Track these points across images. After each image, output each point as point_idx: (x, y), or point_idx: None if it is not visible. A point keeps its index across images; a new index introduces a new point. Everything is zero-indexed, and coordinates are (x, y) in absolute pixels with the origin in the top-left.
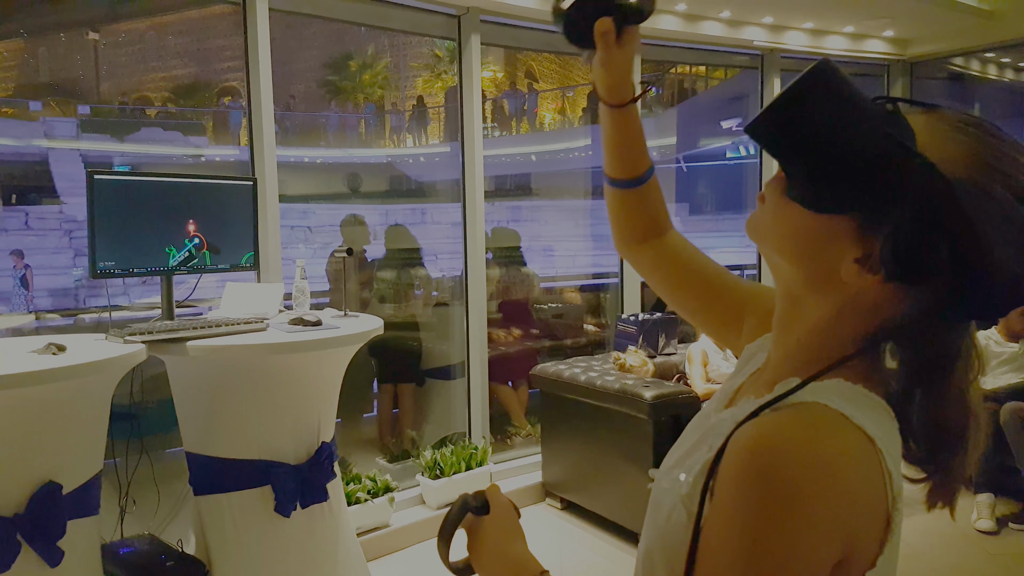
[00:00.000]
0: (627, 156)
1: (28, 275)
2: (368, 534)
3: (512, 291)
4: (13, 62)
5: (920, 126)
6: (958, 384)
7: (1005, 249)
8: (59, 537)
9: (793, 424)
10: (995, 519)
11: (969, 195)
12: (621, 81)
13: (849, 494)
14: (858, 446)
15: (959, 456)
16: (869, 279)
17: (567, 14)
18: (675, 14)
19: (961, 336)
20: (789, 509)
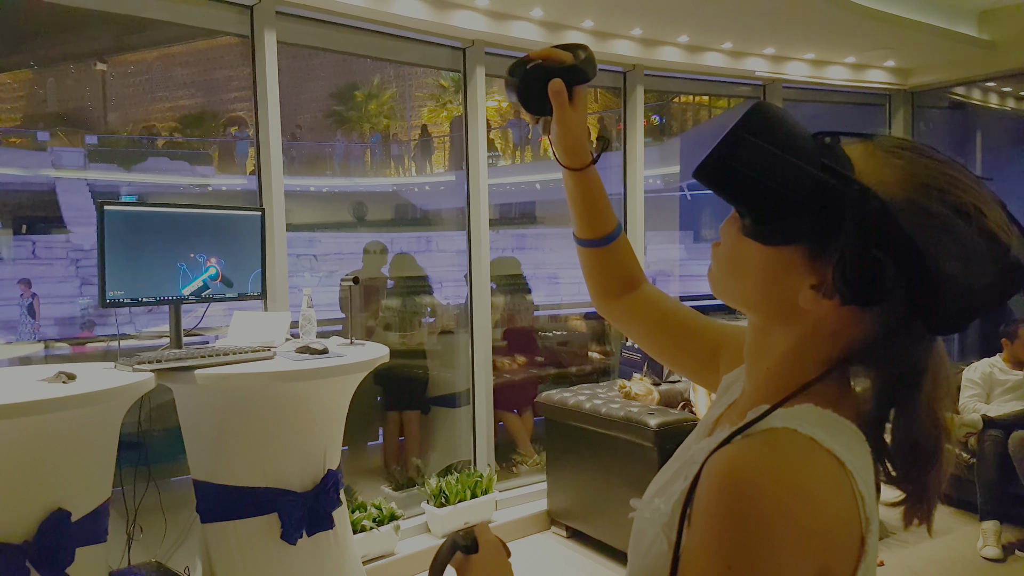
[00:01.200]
0: (593, 217)
1: (35, 304)
2: (374, 562)
3: (516, 319)
4: (22, 92)
5: (857, 155)
6: (928, 400)
7: (951, 262)
8: (68, 564)
9: (764, 450)
10: (1001, 546)
11: (906, 213)
12: (578, 143)
13: (822, 517)
14: (828, 470)
15: (934, 471)
16: (827, 304)
17: (519, 81)
18: (677, 45)
19: (926, 352)
20: (762, 534)
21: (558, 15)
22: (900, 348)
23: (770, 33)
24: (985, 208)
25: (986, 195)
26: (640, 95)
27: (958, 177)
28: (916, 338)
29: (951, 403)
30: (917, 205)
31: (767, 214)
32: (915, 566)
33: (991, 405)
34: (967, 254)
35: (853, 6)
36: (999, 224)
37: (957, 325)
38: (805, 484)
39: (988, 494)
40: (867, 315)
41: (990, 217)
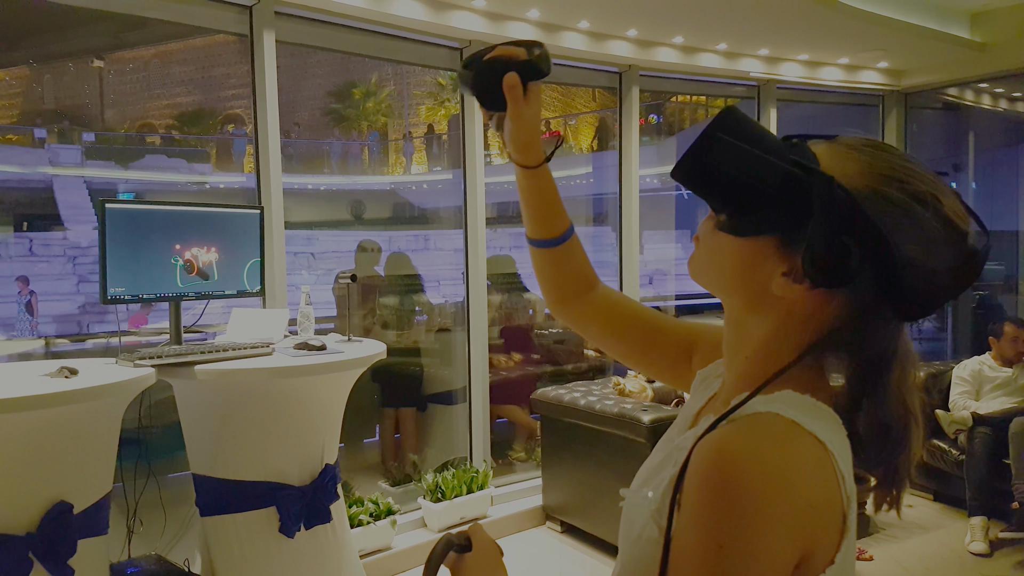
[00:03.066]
0: (546, 216)
1: (33, 301)
2: (370, 556)
3: (513, 317)
4: (19, 90)
5: (822, 152)
6: (896, 384)
7: (912, 245)
8: (70, 556)
9: (750, 433)
10: (988, 542)
11: (869, 201)
12: (531, 140)
13: (806, 497)
14: (812, 451)
15: (903, 455)
16: (797, 290)
17: (474, 75)
18: (673, 46)
19: (893, 336)
20: (750, 514)
21: (554, 16)
22: (869, 332)
23: (764, 34)
24: (941, 196)
25: (941, 185)
26: (636, 95)
27: (915, 169)
28: (884, 322)
29: (918, 389)
30: (879, 193)
31: (740, 208)
32: (904, 561)
33: (981, 402)
34: (926, 238)
35: (846, 8)
36: (955, 211)
37: (923, 310)
38: (790, 464)
39: (977, 490)
40: (836, 299)
41: (946, 204)
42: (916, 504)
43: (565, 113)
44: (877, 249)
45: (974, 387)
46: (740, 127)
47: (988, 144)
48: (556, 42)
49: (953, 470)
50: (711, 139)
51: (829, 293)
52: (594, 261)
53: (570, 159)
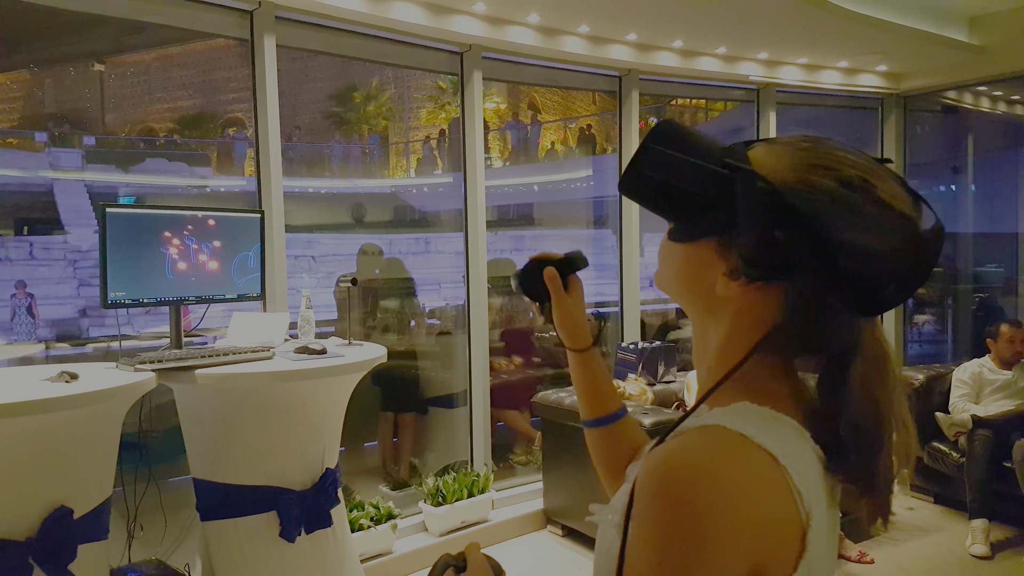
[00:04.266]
0: (598, 396)
1: (33, 304)
2: (371, 560)
3: (514, 320)
4: (20, 93)
5: (760, 151)
6: (861, 381)
7: (844, 232)
8: (70, 561)
9: (691, 446)
10: (989, 544)
11: (795, 192)
12: (575, 326)
13: (751, 513)
14: (759, 464)
15: (879, 457)
16: (736, 288)
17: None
18: (672, 50)
19: (853, 333)
20: (690, 529)
21: (554, 20)
22: (820, 327)
23: (764, 38)
24: (874, 179)
25: (877, 170)
26: (635, 99)
27: (847, 156)
28: (836, 316)
29: (898, 389)
30: (805, 182)
31: (681, 215)
32: (905, 563)
33: (980, 405)
34: (858, 221)
35: (846, 12)
36: (893, 195)
37: (878, 301)
38: (733, 479)
39: (977, 493)
40: (778, 295)
41: (881, 188)
42: (917, 507)
43: (565, 116)
44: (808, 239)
45: (974, 390)
46: (674, 137)
47: (987, 147)
48: (556, 46)
49: (953, 473)
50: (645, 151)
51: (770, 289)
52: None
53: (570, 162)
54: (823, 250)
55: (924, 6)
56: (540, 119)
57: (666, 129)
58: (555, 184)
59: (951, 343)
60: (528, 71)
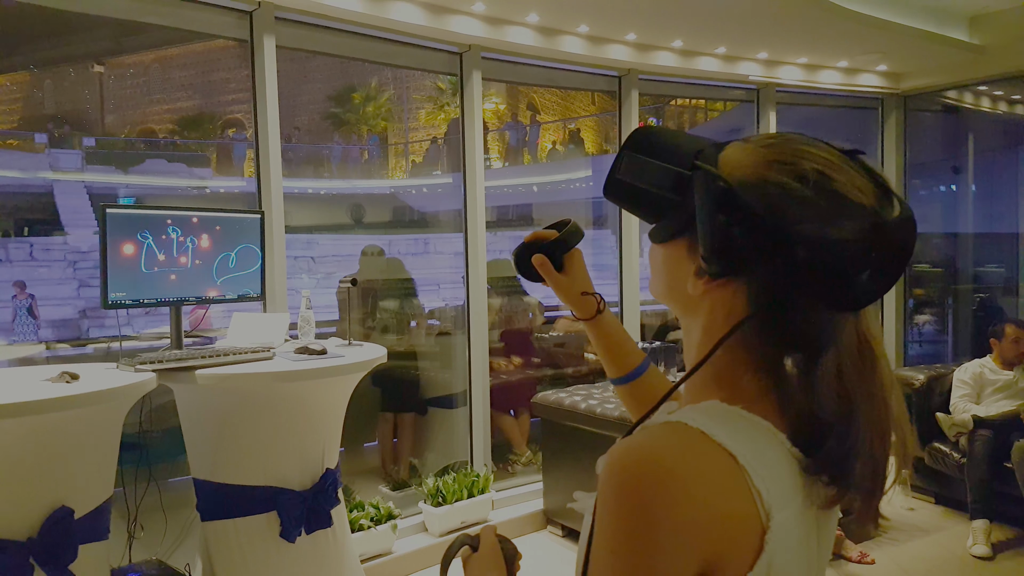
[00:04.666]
0: (615, 356)
1: (34, 305)
2: (371, 561)
3: (513, 320)
4: (19, 95)
5: (731, 151)
6: (835, 376)
7: (801, 226)
8: (71, 561)
9: (648, 441)
10: (990, 545)
11: (751, 188)
12: (575, 300)
13: (703, 508)
14: (716, 462)
15: (853, 456)
16: (704, 286)
17: (515, 260)
18: (672, 50)
19: (822, 325)
20: (638, 521)
21: (553, 20)
22: (787, 322)
23: (763, 38)
24: (831, 171)
25: (838, 162)
26: (635, 99)
27: (807, 150)
28: (803, 310)
29: (883, 385)
30: (761, 178)
31: (653, 216)
32: (905, 564)
33: (981, 405)
34: (811, 214)
35: (846, 11)
36: (852, 185)
37: (843, 293)
38: (686, 474)
39: (978, 493)
40: (742, 290)
41: (837, 179)
42: (917, 507)
43: (564, 116)
44: (764, 234)
45: (975, 390)
46: (646, 143)
47: (988, 146)
48: (555, 46)
49: (954, 473)
50: (620, 157)
51: (737, 285)
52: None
53: (571, 163)
54: (779, 244)
55: (924, 5)
56: (539, 119)
57: (639, 135)
58: (554, 184)
59: (951, 343)
60: (527, 71)
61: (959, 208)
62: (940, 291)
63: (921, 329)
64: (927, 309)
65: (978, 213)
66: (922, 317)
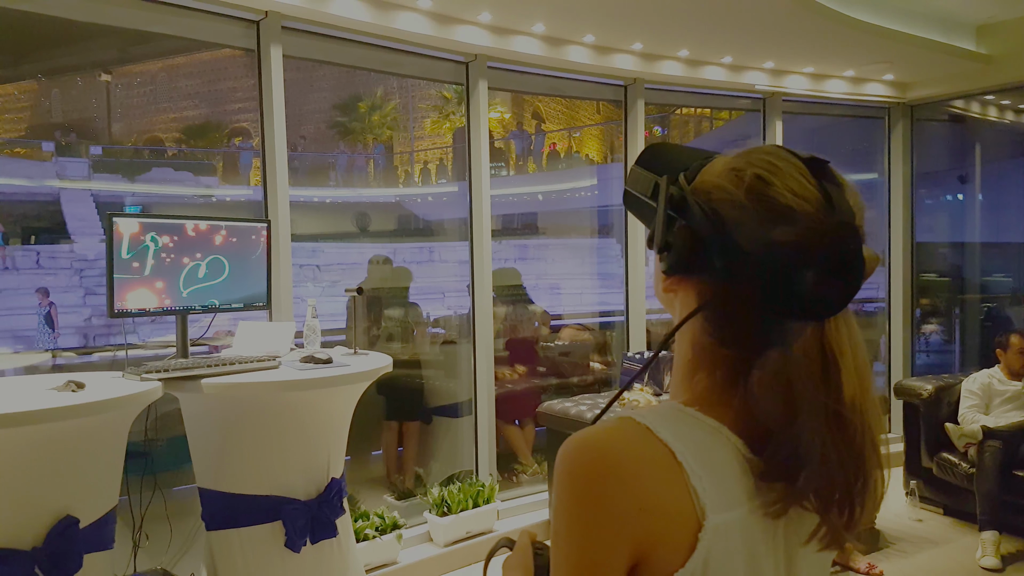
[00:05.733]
0: None
1: (53, 312)
2: (376, 571)
3: (518, 329)
4: (27, 103)
5: (712, 162)
6: (776, 376)
7: (736, 229)
8: (76, 570)
9: (597, 432)
10: (1000, 557)
11: (702, 194)
12: None
13: (635, 497)
14: (654, 457)
15: (789, 460)
16: (670, 284)
17: None
18: (678, 59)
19: (757, 324)
20: (575, 504)
21: (560, 30)
22: (725, 319)
23: (770, 47)
24: (772, 177)
25: (783, 168)
26: (641, 108)
27: (759, 157)
28: (751, 312)
29: (846, 400)
30: (713, 185)
31: (647, 222)
32: None
33: (990, 416)
34: (746, 218)
35: (852, 21)
36: (785, 190)
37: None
38: (623, 463)
39: (987, 504)
40: (696, 289)
41: (774, 183)
42: (926, 518)
43: (569, 125)
44: (709, 236)
45: (983, 400)
46: (654, 157)
47: (995, 156)
48: (561, 55)
49: (963, 484)
50: (630, 171)
51: (692, 284)
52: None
53: (576, 171)
54: (721, 246)
55: (931, 15)
56: (544, 128)
57: (646, 149)
58: (559, 193)
59: (958, 353)
60: (533, 81)
61: (966, 218)
62: (947, 301)
63: (928, 339)
64: (934, 319)
65: (985, 223)
66: (929, 327)
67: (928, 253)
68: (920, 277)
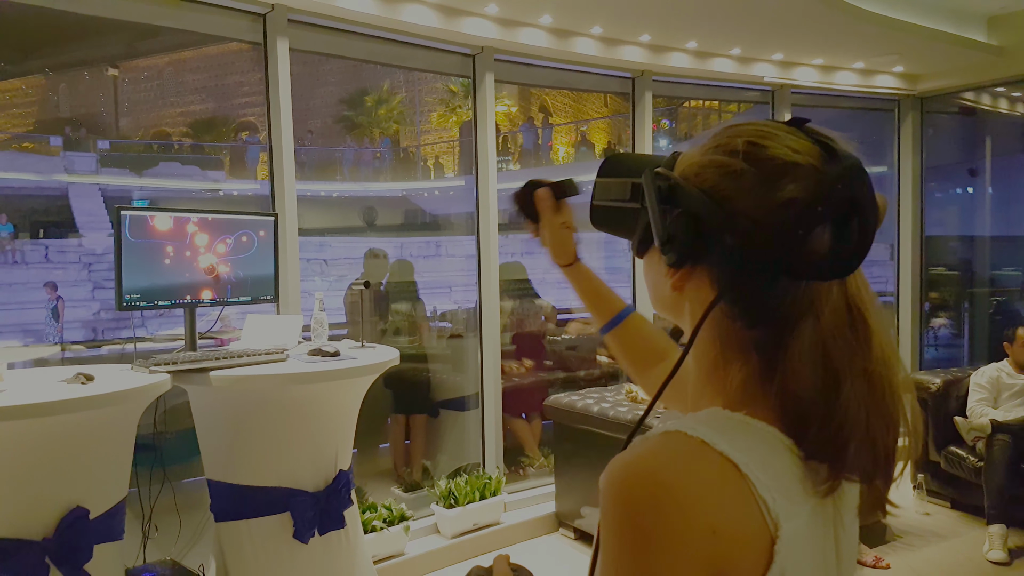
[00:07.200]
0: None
1: (60, 306)
2: (383, 562)
3: (525, 323)
4: (35, 98)
5: (684, 153)
6: (813, 346)
7: (742, 199)
8: (86, 561)
9: (649, 454)
10: (1007, 551)
11: (692, 178)
12: (561, 243)
13: (705, 522)
14: (719, 473)
15: (837, 433)
16: (677, 281)
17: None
18: (686, 51)
19: (783, 294)
20: (639, 538)
21: (567, 22)
22: (748, 297)
23: (779, 39)
24: (763, 140)
25: (771, 131)
26: (649, 100)
27: (741, 128)
28: (771, 284)
29: (876, 356)
30: (699, 164)
31: (627, 232)
32: (921, 570)
33: (999, 410)
34: (746, 184)
35: (862, 12)
36: (783, 147)
37: (804, 256)
38: (687, 487)
39: (995, 498)
40: (708, 276)
41: (768, 145)
42: (933, 512)
43: (576, 119)
44: (711, 215)
45: (992, 394)
46: (615, 166)
47: (1005, 149)
48: (569, 48)
49: (971, 477)
50: (594, 185)
51: (701, 274)
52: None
53: (584, 164)
54: (726, 221)
55: (942, 6)
56: (552, 122)
57: (605, 163)
58: None
59: (967, 347)
60: (540, 73)
61: (976, 211)
62: (956, 294)
63: (937, 333)
64: (943, 312)
65: (995, 216)
66: (938, 320)
67: (937, 246)
68: (929, 271)
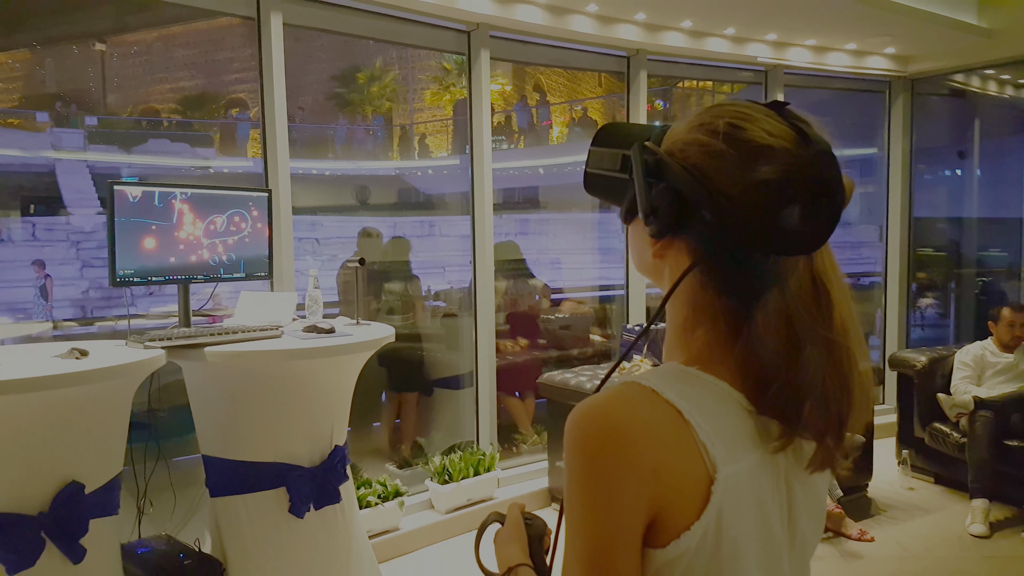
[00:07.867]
0: None
1: (48, 284)
2: (378, 537)
3: (519, 302)
4: (21, 73)
5: (671, 128)
6: (778, 315)
7: (715, 175)
8: (81, 535)
9: (604, 399)
10: (988, 524)
11: (676, 153)
12: None
13: (649, 459)
14: (662, 417)
15: (793, 394)
16: (659, 249)
17: None
18: (680, 31)
19: (754, 267)
20: (589, 469)
21: None
22: (721, 268)
23: (773, 19)
24: (743, 122)
25: (752, 114)
26: (643, 80)
27: (725, 109)
28: (744, 257)
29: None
30: (684, 142)
31: (616, 199)
32: (905, 542)
33: (983, 387)
34: (723, 164)
35: None
36: (760, 130)
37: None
38: (632, 427)
39: (978, 473)
40: (686, 246)
41: (746, 127)
42: (918, 487)
43: (571, 98)
44: (691, 190)
45: (976, 372)
46: (608, 136)
47: (994, 131)
48: (564, 25)
49: (955, 453)
50: (588, 153)
51: (681, 244)
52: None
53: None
54: (705, 196)
55: None
56: (548, 101)
57: (600, 131)
58: (560, 167)
59: (953, 327)
60: (535, 51)
61: (964, 193)
62: (943, 275)
63: (924, 313)
64: (930, 293)
65: (983, 198)
66: (925, 301)
67: (926, 228)
68: (917, 252)
